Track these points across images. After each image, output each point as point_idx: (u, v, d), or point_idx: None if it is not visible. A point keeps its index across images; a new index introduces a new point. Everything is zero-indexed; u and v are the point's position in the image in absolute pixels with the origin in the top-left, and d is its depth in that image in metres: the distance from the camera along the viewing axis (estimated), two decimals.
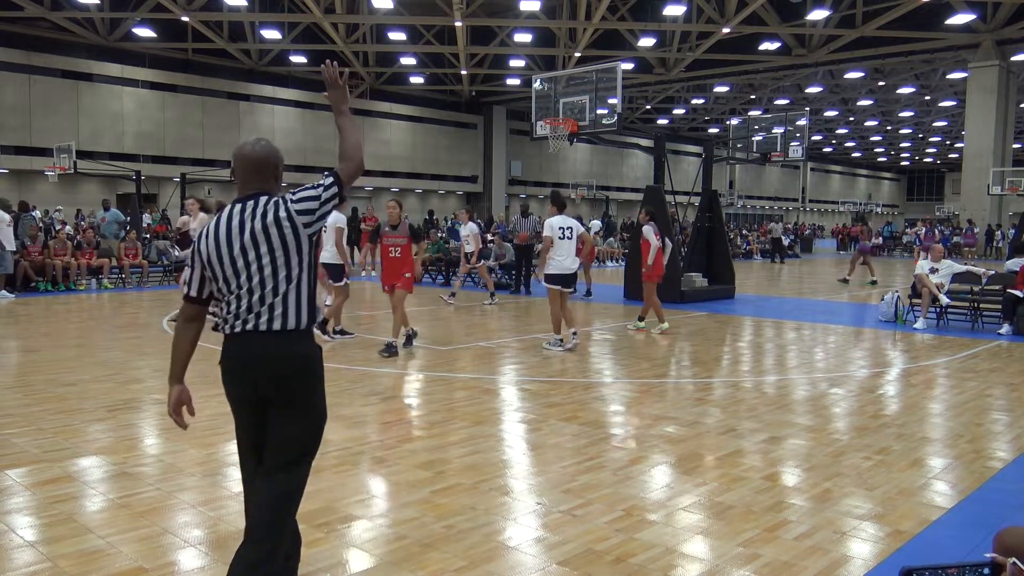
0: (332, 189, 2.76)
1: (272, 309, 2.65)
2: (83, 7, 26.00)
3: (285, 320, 2.65)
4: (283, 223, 2.66)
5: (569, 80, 14.36)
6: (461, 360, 8.31)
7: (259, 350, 2.66)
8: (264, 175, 2.78)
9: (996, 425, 5.85)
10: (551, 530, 3.70)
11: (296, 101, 35.56)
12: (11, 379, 7.21)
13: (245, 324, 2.65)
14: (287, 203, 2.69)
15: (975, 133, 29.25)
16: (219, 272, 2.70)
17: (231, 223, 2.70)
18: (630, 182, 50.23)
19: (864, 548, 3.55)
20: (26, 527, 3.73)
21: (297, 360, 2.68)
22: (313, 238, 2.74)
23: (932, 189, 75.18)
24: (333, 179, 2.78)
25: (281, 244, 2.66)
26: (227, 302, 2.71)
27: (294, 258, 2.67)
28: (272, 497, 2.66)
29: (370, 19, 28.74)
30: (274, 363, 2.65)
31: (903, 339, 10.31)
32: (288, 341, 2.66)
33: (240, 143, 2.81)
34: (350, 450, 4.96)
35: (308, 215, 2.70)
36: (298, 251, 2.68)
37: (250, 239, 2.66)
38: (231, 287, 2.69)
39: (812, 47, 29.39)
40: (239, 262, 2.67)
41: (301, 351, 2.70)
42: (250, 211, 2.69)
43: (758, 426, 5.65)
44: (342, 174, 2.79)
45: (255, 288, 2.66)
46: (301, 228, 2.68)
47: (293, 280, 2.67)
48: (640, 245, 11.14)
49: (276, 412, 2.69)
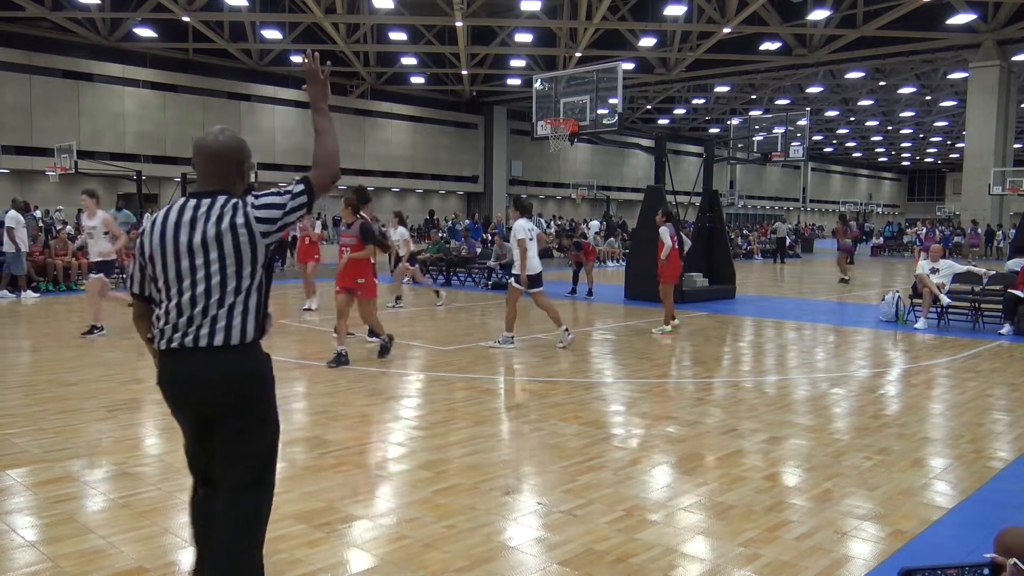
0: (301, 198, 2.47)
1: (215, 322, 2.39)
2: (84, 7, 26.01)
3: (228, 335, 2.40)
4: (239, 230, 2.40)
5: (570, 80, 14.35)
6: (461, 360, 8.31)
7: (198, 369, 2.40)
8: (225, 171, 2.52)
9: (997, 425, 5.85)
10: (552, 530, 3.70)
11: (297, 101, 35.56)
12: (12, 379, 7.21)
13: (184, 338, 2.39)
14: (247, 208, 2.42)
15: (976, 133, 29.25)
16: (159, 273, 2.45)
17: (181, 219, 2.44)
18: (631, 182, 50.23)
19: (864, 548, 3.55)
20: (27, 527, 3.73)
21: (243, 380, 2.44)
22: (271, 248, 2.49)
23: (933, 189, 75.19)
24: (304, 187, 2.48)
25: (234, 252, 2.40)
26: (165, 309, 2.44)
27: (246, 268, 2.42)
28: (234, 520, 2.46)
29: (371, 19, 28.75)
30: (217, 385, 2.41)
31: (904, 339, 10.31)
32: (232, 359, 2.41)
33: (203, 134, 2.57)
34: (351, 450, 4.96)
35: (268, 224, 2.43)
36: (252, 261, 2.43)
37: (200, 243, 2.39)
38: (170, 292, 2.43)
39: (813, 47, 29.38)
40: (183, 264, 2.41)
41: (246, 370, 2.45)
42: (204, 210, 2.43)
43: (759, 426, 5.65)
44: (314, 182, 2.50)
45: (199, 297, 2.40)
46: (259, 238, 2.42)
47: (243, 292, 2.43)
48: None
49: (226, 433, 2.47)
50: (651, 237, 14.07)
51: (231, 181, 2.53)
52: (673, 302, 10.60)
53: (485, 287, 16.60)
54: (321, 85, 2.58)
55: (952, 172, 67.28)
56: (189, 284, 2.40)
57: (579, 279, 15.57)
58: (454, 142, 42.00)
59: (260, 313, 2.50)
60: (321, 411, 5.99)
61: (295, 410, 6.09)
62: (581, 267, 15.49)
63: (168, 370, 2.46)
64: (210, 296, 2.40)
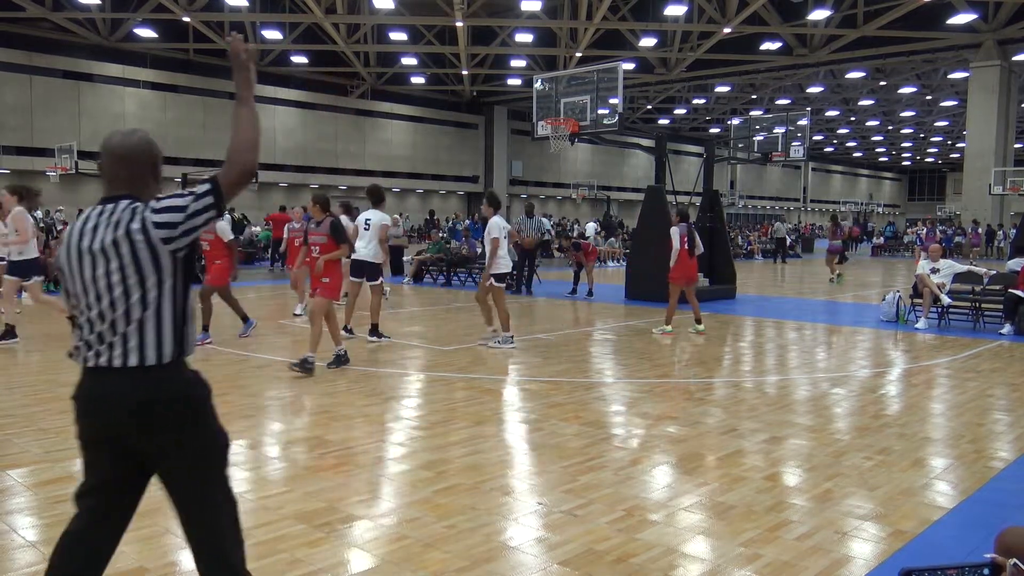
0: (205, 199, 2.21)
1: (126, 340, 2.21)
2: (84, 7, 26.04)
3: (142, 354, 2.21)
4: (134, 236, 2.19)
5: (570, 80, 14.37)
6: (462, 360, 8.31)
7: (112, 390, 2.23)
8: (132, 174, 2.32)
9: (997, 425, 5.85)
10: (552, 530, 3.70)
11: (297, 101, 35.60)
12: (13, 379, 7.21)
13: (98, 357, 2.23)
14: (143, 213, 2.22)
15: (976, 133, 29.25)
16: (69, 285, 2.30)
17: (85, 227, 2.28)
18: (631, 182, 50.25)
19: (865, 548, 3.55)
20: (27, 527, 3.73)
21: (161, 404, 2.23)
22: (180, 255, 2.25)
23: (934, 189, 75.19)
24: (210, 187, 2.22)
25: (133, 262, 2.20)
26: (79, 324, 2.30)
27: (150, 278, 2.22)
28: (202, 533, 2.34)
29: (371, 19, 28.77)
30: (134, 412, 2.22)
31: (904, 339, 10.30)
32: (148, 380, 2.22)
33: (110, 133, 2.37)
34: (351, 450, 4.96)
35: (167, 229, 2.20)
36: (156, 271, 2.22)
37: (100, 251, 2.22)
38: (80, 306, 2.28)
39: (813, 47, 29.39)
40: (86, 275, 2.24)
41: (165, 394, 2.24)
42: (107, 216, 2.25)
43: (759, 426, 5.65)
44: (222, 180, 2.23)
45: (105, 312, 2.22)
46: (159, 244, 2.20)
47: (150, 306, 2.22)
48: None
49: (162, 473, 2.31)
50: (651, 237, 14.13)
51: (143, 184, 2.34)
52: (676, 304, 10.44)
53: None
54: (246, 70, 2.30)
55: (953, 172, 67.28)
56: (94, 297, 2.24)
57: (579, 279, 15.58)
58: (454, 142, 42.02)
59: (179, 329, 2.28)
60: (322, 411, 5.99)
61: (296, 410, 6.10)
62: (582, 267, 15.50)
63: (86, 388, 2.28)
64: (115, 309, 2.22)
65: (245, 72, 2.30)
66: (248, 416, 5.76)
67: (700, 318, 10.42)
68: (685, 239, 10.29)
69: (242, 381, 6.99)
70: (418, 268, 18.23)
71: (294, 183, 34.88)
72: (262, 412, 5.97)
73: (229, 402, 6.07)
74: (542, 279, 17.26)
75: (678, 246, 10.23)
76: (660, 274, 11.11)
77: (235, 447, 4.99)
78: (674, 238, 10.26)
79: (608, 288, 16.35)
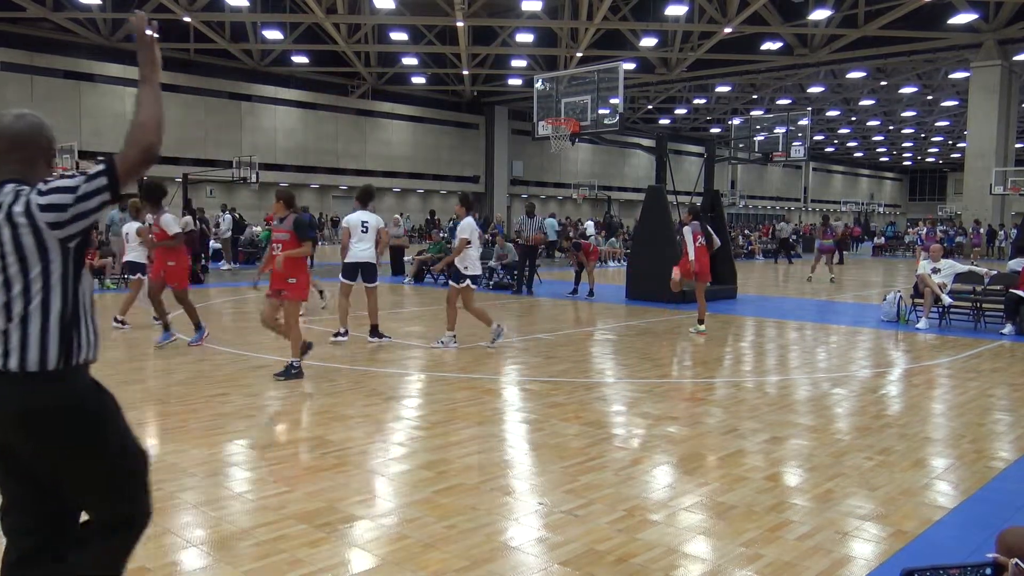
0: (98, 180, 2.03)
1: (6, 337, 2.01)
2: (85, 8, 26.07)
3: (24, 356, 2.00)
4: (17, 219, 2.00)
5: (571, 80, 14.36)
6: (462, 360, 8.31)
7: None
8: (22, 156, 2.16)
9: (998, 425, 5.84)
10: (553, 530, 3.70)
11: (298, 101, 35.62)
12: None
13: None
14: (29, 195, 2.03)
15: (977, 133, 29.25)
16: None
17: None
18: (632, 182, 50.26)
19: (866, 548, 3.55)
20: None
21: (45, 415, 2.02)
22: (71, 244, 2.07)
23: (934, 189, 75.19)
24: (104, 167, 2.04)
25: (15, 249, 2.01)
26: None
27: (34, 268, 2.02)
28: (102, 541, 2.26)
29: (372, 19, 28.78)
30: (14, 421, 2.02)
31: (905, 339, 10.30)
32: (28, 386, 2.01)
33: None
34: (351, 450, 4.96)
35: (56, 212, 2.00)
36: (42, 260, 2.02)
37: None
38: None
39: (814, 47, 29.39)
40: None
41: (49, 403, 2.02)
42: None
43: (760, 426, 5.64)
44: (119, 162, 2.05)
45: None
46: (45, 230, 2.01)
47: (35, 299, 2.02)
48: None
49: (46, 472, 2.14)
50: (652, 237, 14.13)
51: (30, 168, 2.17)
52: (705, 301, 10.44)
53: (486, 287, 16.59)
54: (149, 50, 2.19)
55: (953, 172, 67.27)
56: None
57: (580, 279, 15.58)
58: (455, 142, 42.05)
59: (69, 330, 2.07)
60: (322, 411, 5.99)
61: (296, 410, 6.10)
62: (583, 268, 15.50)
63: None
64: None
65: (149, 51, 2.19)
66: (248, 416, 5.76)
67: (704, 319, 10.42)
68: (699, 236, 10.24)
69: (242, 381, 6.99)
70: (419, 268, 18.23)
71: (295, 183, 34.89)
72: (262, 412, 5.96)
73: (229, 402, 6.06)
74: (543, 279, 17.26)
75: (692, 244, 10.17)
76: (661, 274, 11.11)
77: (235, 447, 4.99)
78: (687, 237, 10.20)
79: (609, 288, 16.35)
